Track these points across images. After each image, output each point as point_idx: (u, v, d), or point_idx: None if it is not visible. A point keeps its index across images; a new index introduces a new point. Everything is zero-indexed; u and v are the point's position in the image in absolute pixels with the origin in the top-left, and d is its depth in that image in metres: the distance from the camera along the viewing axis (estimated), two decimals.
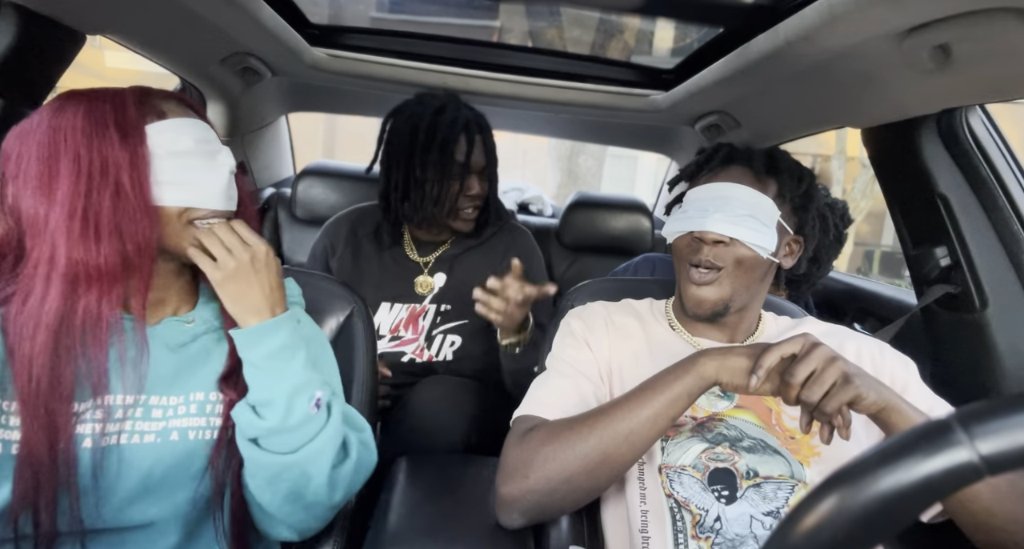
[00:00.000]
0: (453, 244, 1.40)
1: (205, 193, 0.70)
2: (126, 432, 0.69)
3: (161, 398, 0.71)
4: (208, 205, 0.70)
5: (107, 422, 0.68)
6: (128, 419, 0.69)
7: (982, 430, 0.29)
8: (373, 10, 1.79)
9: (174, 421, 0.71)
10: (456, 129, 1.27)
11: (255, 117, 2.03)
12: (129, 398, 0.70)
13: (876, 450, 0.32)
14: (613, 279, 1.14)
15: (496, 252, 1.40)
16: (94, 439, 0.67)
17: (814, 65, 1.08)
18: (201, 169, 0.70)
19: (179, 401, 0.72)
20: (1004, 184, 1.09)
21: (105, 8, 1.10)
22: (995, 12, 0.76)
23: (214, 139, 0.72)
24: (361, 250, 1.41)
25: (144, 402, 0.70)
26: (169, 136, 0.68)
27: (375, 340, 0.99)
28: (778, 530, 0.34)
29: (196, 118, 0.72)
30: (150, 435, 0.69)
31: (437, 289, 1.37)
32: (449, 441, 1.13)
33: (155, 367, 0.71)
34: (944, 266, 1.15)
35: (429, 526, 0.80)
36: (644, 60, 1.71)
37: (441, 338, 1.37)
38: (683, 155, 2.28)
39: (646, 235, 2.12)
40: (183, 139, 0.69)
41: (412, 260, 1.39)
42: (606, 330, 0.91)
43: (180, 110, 0.71)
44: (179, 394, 0.72)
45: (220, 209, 0.71)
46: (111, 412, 0.68)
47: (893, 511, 0.30)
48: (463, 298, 1.36)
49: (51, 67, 1.09)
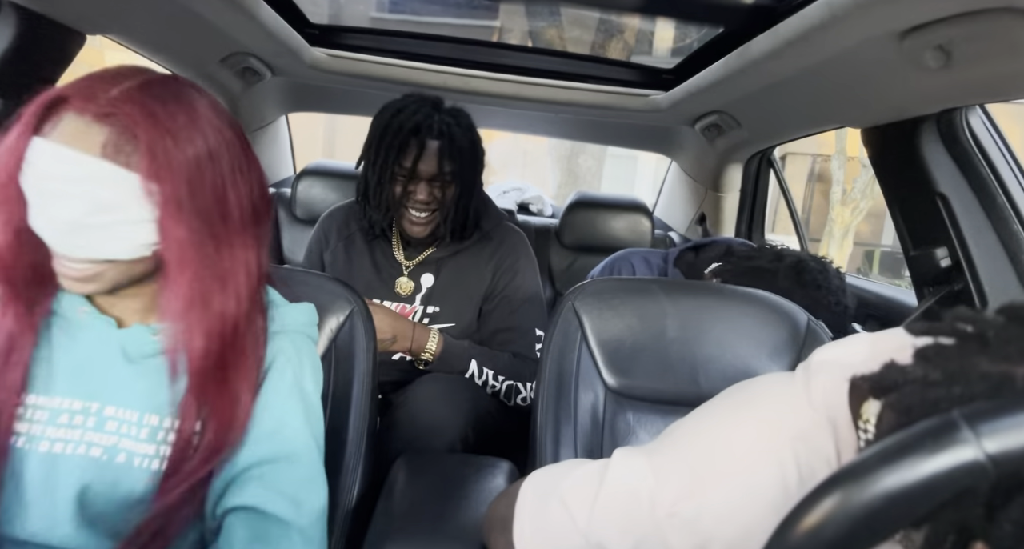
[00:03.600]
0: (440, 247, 1.38)
1: (43, 227, 0.59)
2: (72, 441, 0.63)
3: (118, 410, 0.65)
4: (47, 241, 0.60)
5: (49, 426, 0.63)
6: (76, 427, 0.64)
7: (988, 428, 0.29)
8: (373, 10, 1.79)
9: (126, 441, 0.64)
10: (403, 133, 1.21)
11: (255, 117, 2.03)
12: (78, 403, 0.64)
13: (880, 448, 0.31)
14: (614, 279, 1.14)
15: (483, 255, 1.38)
16: (31, 441, 0.62)
17: (814, 65, 1.08)
18: (40, 205, 0.59)
19: (134, 419, 0.65)
20: (1004, 184, 1.09)
21: (105, 8, 1.09)
22: (995, 12, 0.76)
23: (67, 179, 0.57)
24: (354, 243, 1.40)
25: (98, 411, 0.65)
26: (34, 157, 0.58)
27: (375, 340, 0.99)
28: (780, 528, 0.34)
29: (70, 149, 0.57)
30: (96, 449, 0.63)
31: (425, 290, 1.37)
32: (447, 439, 1.13)
33: (110, 374, 0.66)
34: (944, 266, 1.15)
35: (429, 526, 0.80)
36: (644, 60, 1.71)
37: None
38: (683, 155, 2.28)
39: (646, 235, 2.12)
40: (39, 166, 0.58)
41: (397, 260, 1.38)
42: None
43: (72, 131, 0.58)
44: (136, 410, 0.66)
45: (57, 251, 0.60)
46: (55, 415, 0.64)
47: (896, 509, 0.30)
48: (451, 301, 1.36)
49: (51, 67, 1.09)
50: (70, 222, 0.58)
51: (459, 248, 1.38)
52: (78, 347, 0.67)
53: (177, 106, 0.61)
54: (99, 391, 0.65)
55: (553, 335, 1.01)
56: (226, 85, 1.72)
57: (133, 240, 0.60)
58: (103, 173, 0.57)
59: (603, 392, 0.99)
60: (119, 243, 0.59)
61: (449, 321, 1.36)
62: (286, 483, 0.67)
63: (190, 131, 0.61)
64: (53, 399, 0.64)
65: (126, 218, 0.59)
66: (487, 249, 1.39)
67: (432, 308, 1.36)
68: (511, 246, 1.40)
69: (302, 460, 0.69)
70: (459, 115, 1.29)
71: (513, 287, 1.37)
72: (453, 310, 1.36)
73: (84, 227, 0.58)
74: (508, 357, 1.31)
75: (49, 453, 0.62)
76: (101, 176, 0.57)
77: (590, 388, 0.99)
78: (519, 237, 1.43)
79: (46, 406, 0.64)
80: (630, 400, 0.99)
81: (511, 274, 1.37)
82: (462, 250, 1.38)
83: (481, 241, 1.40)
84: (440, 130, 1.24)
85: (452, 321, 1.36)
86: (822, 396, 0.47)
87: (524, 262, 1.40)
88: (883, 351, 0.43)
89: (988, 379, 0.33)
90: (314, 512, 0.69)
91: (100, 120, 0.57)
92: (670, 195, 2.53)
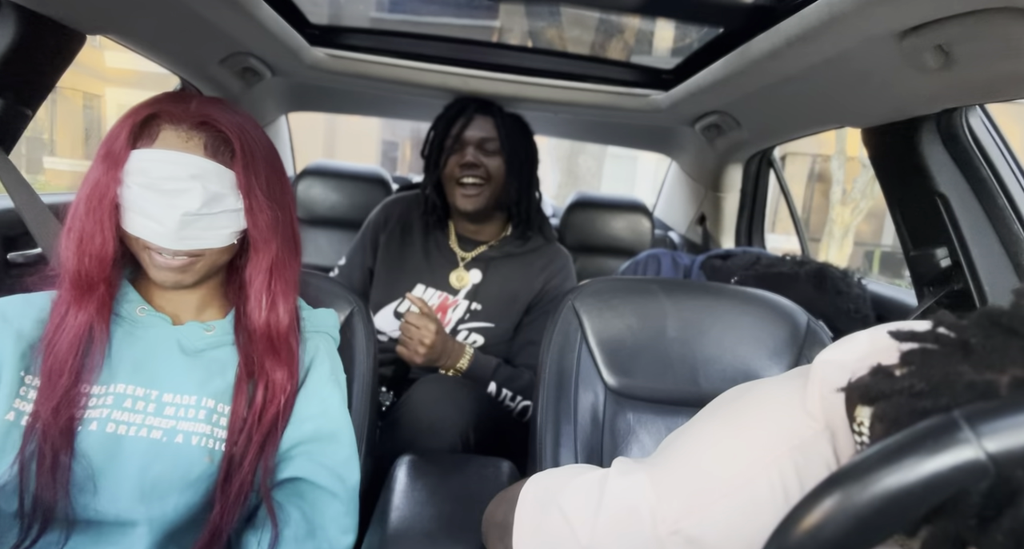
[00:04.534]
0: (492, 247, 1.43)
1: (152, 229, 0.70)
2: (135, 424, 0.70)
3: (175, 396, 0.73)
4: (154, 240, 0.70)
5: (115, 409, 0.70)
6: (138, 412, 0.71)
7: (989, 427, 0.29)
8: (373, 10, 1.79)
9: (183, 423, 0.72)
10: (452, 110, 1.41)
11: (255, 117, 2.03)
12: (140, 390, 0.72)
13: (879, 447, 0.31)
14: (614, 279, 1.14)
15: (534, 266, 1.43)
16: (100, 423, 0.69)
17: (814, 65, 1.08)
18: (155, 204, 0.69)
19: (191, 403, 0.73)
20: (1004, 184, 1.09)
21: (105, 8, 1.09)
22: (995, 12, 0.76)
23: (185, 177, 0.69)
24: (411, 229, 1.46)
25: (157, 398, 0.72)
26: (143, 164, 0.69)
27: (376, 341, 0.99)
28: (780, 528, 0.34)
29: (181, 152, 0.69)
30: (157, 431, 0.71)
31: (471, 286, 1.39)
32: (447, 439, 1.13)
33: (168, 365, 0.74)
34: (944, 266, 1.15)
35: (429, 526, 0.80)
36: (644, 60, 1.71)
37: (465, 335, 1.38)
38: (683, 155, 2.28)
39: (646, 235, 2.12)
40: (152, 171, 0.69)
41: (453, 251, 1.43)
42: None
43: (175, 139, 0.70)
44: (193, 395, 0.74)
45: (166, 247, 0.70)
46: (119, 400, 0.71)
47: (896, 509, 0.30)
48: (494, 301, 1.39)
49: (51, 67, 1.09)
50: (189, 214, 0.69)
51: (512, 252, 1.42)
52: (138, 342, 0.75)
53: (239, 116, 0.75)
54: (158, 380, 0.73)
55: (553, 335, 1.01)
56: (226, 85, 1.72)
57: (229, 228, 0.73)
58: (210, 169, 0.70)
59: (603, 392, 0.99)
60: (219, 232, 0.72)
61: (489, 321, 1.38)
62: (330, 459, 0.78)
63: (257, 133, 0.76)
64: (117, 386, 0.72)
65: (227, 208, 0.72)
66: (538, 263, 1.43)
67: (476, 305, 1.38)
68: (563, 266, 1.46)
69: (343, 440, 0.80)
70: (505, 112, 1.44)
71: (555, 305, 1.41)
72: (494, 311, 1.38)
73: (199, 217, 0.70)
74: (529, 377, 1.33)
75: (114, 434, 0.70)
76: (209, 172, 0.70)
77: (590, 388, 0.99)
78: (569, 259, 1.49)
79: (111, 392, 0.72)
80: (630, 400, 0.99)
81: (556, 292, 1.41)
82: (514, 255, 1.42)
83: (534, 253, 1.44)
84: (489, 106, 1.42)
85: (492, 322, 1.38)
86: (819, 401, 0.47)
87: (569, 284, 1.45)
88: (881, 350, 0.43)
89: (974, 388, 0.33)
90: (354, 488, 0.79)
91: (196, 128, 0.71)
92: (670, 195, 2.53)
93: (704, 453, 0.51)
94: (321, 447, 0.78)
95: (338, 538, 0.77)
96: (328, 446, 0.78)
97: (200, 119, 0.71)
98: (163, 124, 0.71)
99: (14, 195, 1.00)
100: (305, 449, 0.77)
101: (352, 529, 0.78)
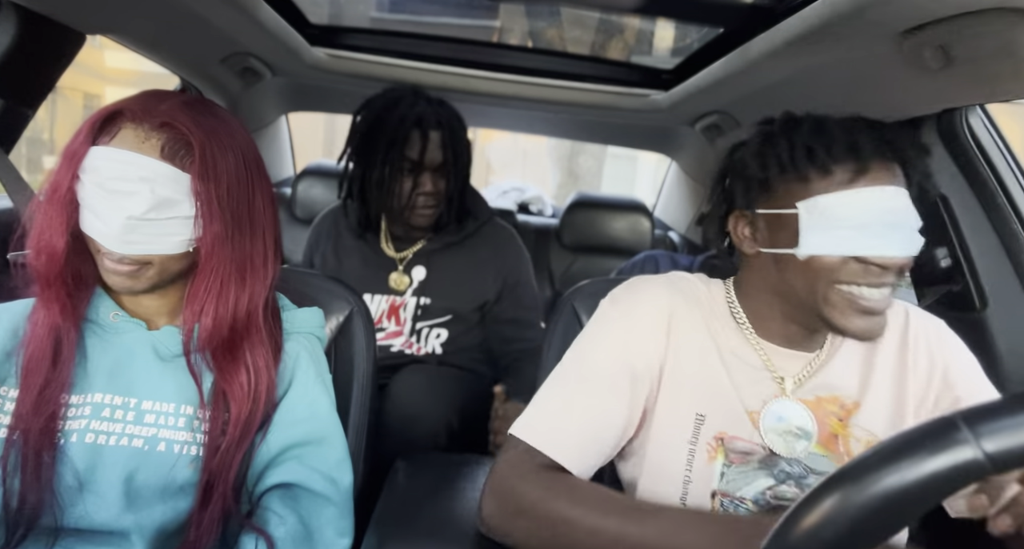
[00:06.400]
0: (431, 240, 1.39)
1: (99, 229, 0.66)
2: (115, 434, 0.69)
3: (155, 404, 0.71)
4: (100, 241, 0.67)
5: (93, 419, 0.69)
6: (118, 421, 0.69)
7: (987, 428, 0.29)
8: (373, 10, 1.79)
9: (164, 431, 0.70)
10: (406, 124, 1.25)
11: (255, 117, 2.03)
12: (117, 399, 0.70)
13: (879, 448, 0.32)
14: (614, 280, 1.13)
15: (478, 250, 1.40)
16: (79, 434, 0.68)
17: (814, 65, 1.08)
18: (103, 204, 0.66)
19: (171, 410, 0.71)
20: (1004, 184, 1.09)
21: (105, 8, 1.09)
22: (995, 12, 0.76)
23: (135, 179, 0.65)
24: (342, 242, 1.42)
25: (136, 406, 0.70)
26: (97, 162, 0.66)
27: (375, 340, 0.99)
28: (780, 528, 0.34)
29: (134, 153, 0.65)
30: (138, 440, 0.69)
31: (417, 283, 1.37)
32: (429, 427, 1.13)
33: (145, 372, 0.72)
34: (944, 266, 1.15)
35: (428, 527, 0.80)
36: (644, 60, 1.71)
37: (427, 331, 1.37)
38: (683, 155, 2.28)
39: (646, 235, 2.12)
40: (103, 169, 0.66)
41: (387, 256, 1.39)
42: (667, 325, 0.78)
43: (133, 138, 0.66)
44: (171, 402, 0.72)
45: (112, 250, 0.67)
46: (97, 410, 0.69)
47: (896, 509, 0.30)
48: (443, 293, 1.37)
49: (51, 67, 1.09)
50: (134, 217, 0.65)
51: (450, 241, 1.39)
52: (112, 349, 0.73)
53: (215, 119, 0.71)
54: (135, 388, 0.71)
55: (553, 335, 1.01)
56: (226, 85, 1.72)
57: (180, 236, 0.68)
58: (163, 173, 0.66)
59: None
60: (168, 239, 0.68)
61: (443, 314, 1.36)
62: (321, 463, 0.75)
63: (229, 139, 0.71)
64: (94, 395, 0.70)
65: (178, 214, 0.67)
66: (483, 249, 1.40)
67: (424, 300, 1.36)
68: (505, 242, 1.43)
69: (334, 443, 0.77)
70: (444, 105, 1.34)
71: (521, 285, 1.42)
72: (446, 302, 1.36)
73: (144, 222, 0.66)
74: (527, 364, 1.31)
75: (94, 445, 0.68)
76: (162, 175, 0.66)
77: None
78: (510, 234, 1.46)
79: (88, 402, 0.70)
80: None
81: (515, 275, 1.41)
82: (453, 243, 1.39)
83: (474, 237, 1.41)
84: (439, 121, 1.29)
85: (448, 314, 1.36)
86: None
87: (521, 261, 1.44)
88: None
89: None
90: (347, 490, 0.77)
91: (157, 129, 0.67)
92: (670, 195, 2.53)
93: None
94: (312, 451, 0.75)
95: (335, 541, 0.75)
96: (319, 449, 0.76)
97: (163, 120, 0.66)
98: (125, 122, 0.67)
99: (14, 195, 1.00)
100: (296, 453, 0.75)
101: (348, 532, 0.77)
